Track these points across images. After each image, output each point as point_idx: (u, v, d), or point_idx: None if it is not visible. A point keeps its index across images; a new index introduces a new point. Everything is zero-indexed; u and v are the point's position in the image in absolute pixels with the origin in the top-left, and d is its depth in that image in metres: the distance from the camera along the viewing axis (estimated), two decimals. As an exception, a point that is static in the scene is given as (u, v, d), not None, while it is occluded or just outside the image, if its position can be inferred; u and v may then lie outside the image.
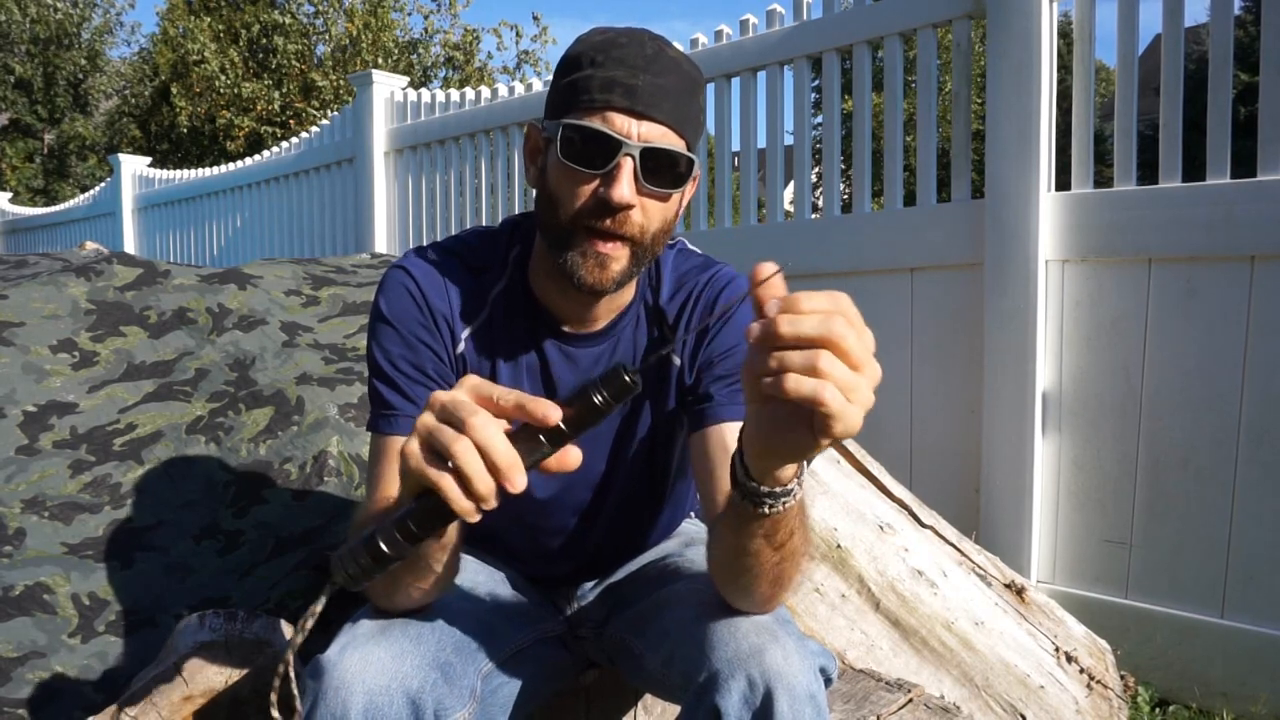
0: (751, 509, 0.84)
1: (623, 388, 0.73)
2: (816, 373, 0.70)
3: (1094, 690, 1.83)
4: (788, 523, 0.87)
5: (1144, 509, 2.31)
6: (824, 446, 0.76)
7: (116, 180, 6.93)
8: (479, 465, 0.72)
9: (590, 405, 0.73)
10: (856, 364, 0.71)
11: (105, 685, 1.43)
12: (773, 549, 0.89)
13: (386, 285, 1.14)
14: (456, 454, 0.72)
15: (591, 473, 1.20)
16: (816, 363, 0.70)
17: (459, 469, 0.72)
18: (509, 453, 0.72)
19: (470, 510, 0.72)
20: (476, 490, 0.72)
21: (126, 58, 19.27)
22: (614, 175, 1.00)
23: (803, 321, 0.70)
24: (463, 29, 14.00)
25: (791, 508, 0.85)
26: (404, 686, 0.90)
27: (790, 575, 0.95)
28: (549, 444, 0.74)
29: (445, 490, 0.72)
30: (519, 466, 0.72)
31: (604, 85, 1.00)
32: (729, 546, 0.92)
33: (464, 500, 0.72)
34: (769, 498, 0.83)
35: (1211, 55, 2.20)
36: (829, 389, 0.70)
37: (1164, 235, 2.25)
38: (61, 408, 1.76)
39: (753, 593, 0.96)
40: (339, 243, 4.93)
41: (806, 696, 0.92)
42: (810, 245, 2.93)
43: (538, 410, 0.72)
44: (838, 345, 0.70)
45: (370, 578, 0.77)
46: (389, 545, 0.76)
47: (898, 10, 2.73)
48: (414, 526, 0.76)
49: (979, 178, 2.86)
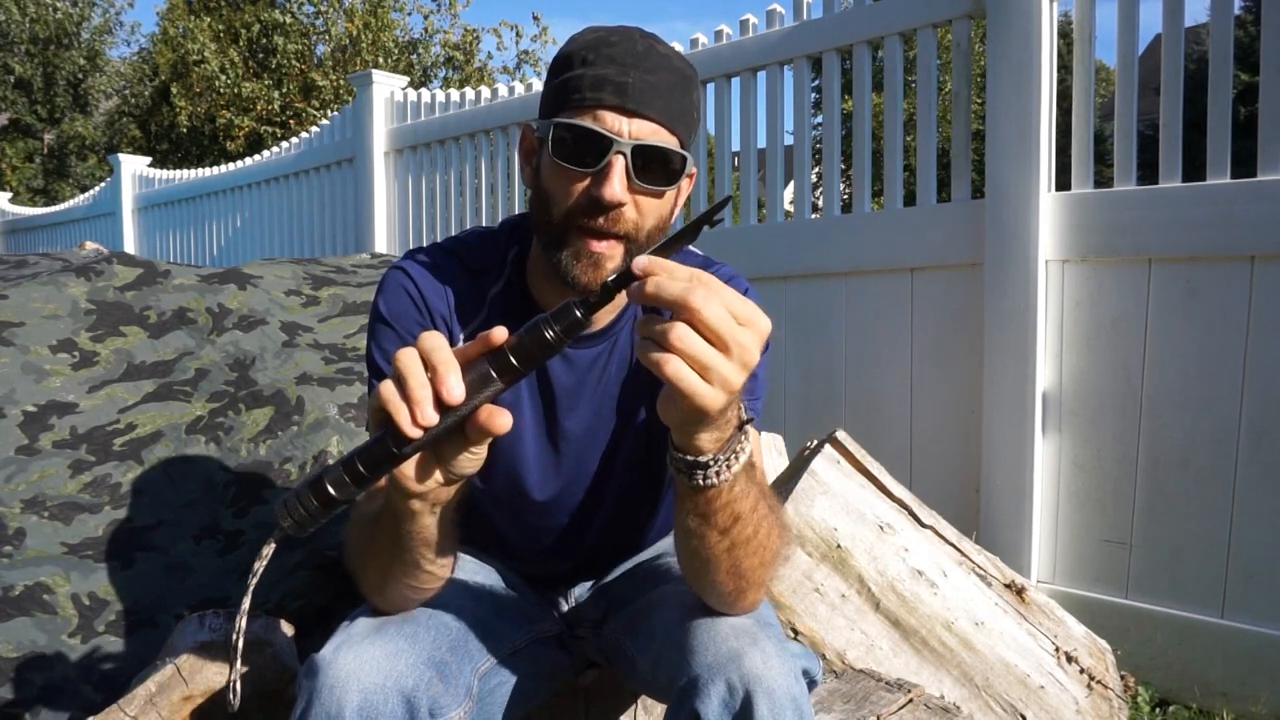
0: (685, 481, 0.86)
1: (574, 323, 0.75)
2: (666, 344, 0.73)
3: (1094, 690, 1.83)
4: (728, 505, 0.88)
5: (1144, 509, 2.31)
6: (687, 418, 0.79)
7: (116, 180, 6.93)
8: (418, 366, 0.75)
9: (541, 338, 0.75)
10: (717, 341, 0.74)
11: (105, 685, 1.43)
12: (717, 533, 0.90)
13: (385, 286, 1.14)
14: (399, 357, 0.76)
15: (588, 472, 1.20)
16: (668, 334, 0.73)
17: (399, 374, 0.75)
18: (448, 360, 0.75)
19: (405, 416, 0.74)
20: (411, 391, 0.74)
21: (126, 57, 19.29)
22: (605, 173, 1.00)
23: (666, 286, 0.74)
24: (463, 29, 14.01)
25: (724, 486, 0.86)
26: (399, 685, 0.90)
27: (749, 568, 0.95)
28: (499, 377, 0.75)
29: (384, 394, 0.75)
30: (454, 370, 0.75)
31: (594, 83, 1.01)
32: (677, 528, 0.94)
33: (398, 401, 0.75)
34: (695, 468, 0.85)
35: (1211, 55, 2.20)
36: (672, 361, 0.73)
37: (1164, 235, 2.24)
38: (61, 408, 1.76)
39: (715, 585, 0.97)
40: (339, 243, 4.93)
41: (788, 700, 0.91)
42: (810, 245, 2.93)
43: (483, 334, 0.76)
44: (696, 314, 0.73)
45: (317, 523, 0.77)
46: (336, 488, 0.75)
47: (898, 10, 2.73)
48: (362, 466, 0.76)
49: (979, 178, 2.86)
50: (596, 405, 1.17)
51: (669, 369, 0.73)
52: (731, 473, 0.86)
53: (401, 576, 0.96)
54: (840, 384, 2.88)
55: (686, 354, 0.73)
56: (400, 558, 0.93)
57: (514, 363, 0.75)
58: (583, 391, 1.17)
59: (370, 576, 0.99)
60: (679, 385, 0.74)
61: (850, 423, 2.77)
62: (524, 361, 0.75)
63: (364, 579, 1.00)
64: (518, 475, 1.19)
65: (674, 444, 0.85)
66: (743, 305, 0.76)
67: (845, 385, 2.86)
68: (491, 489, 1.21)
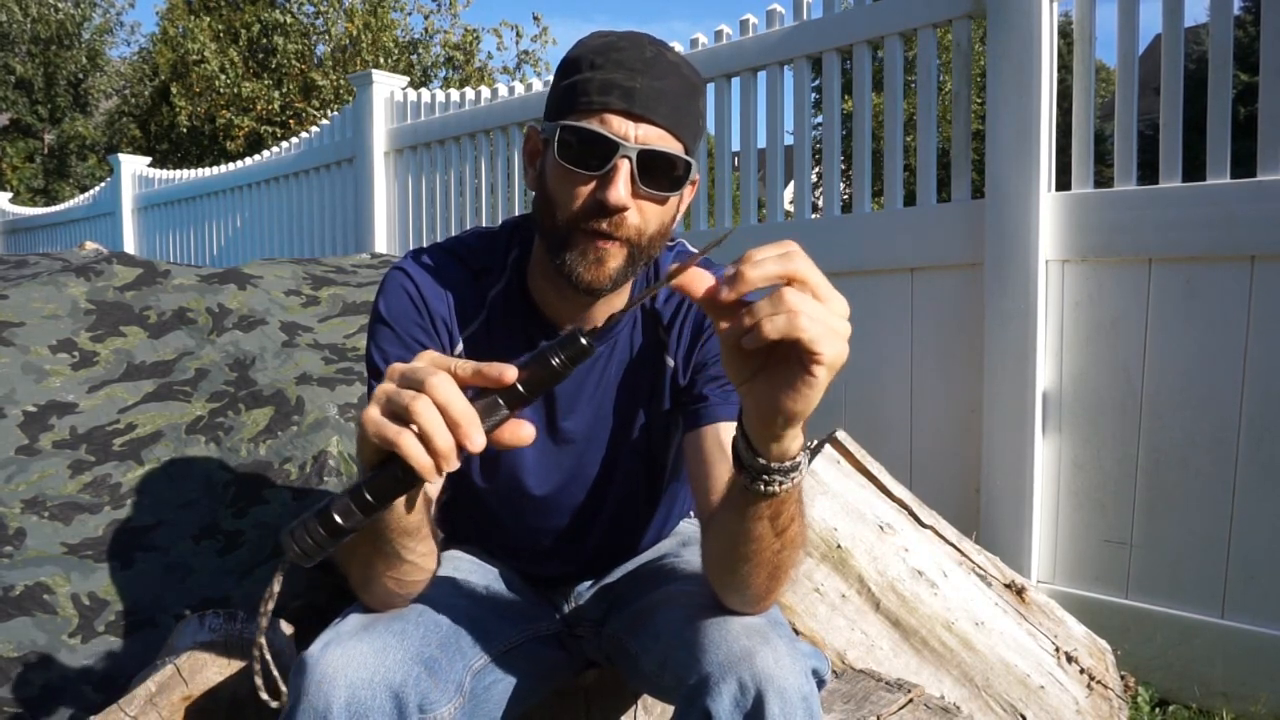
0: (761, 488, 0.85)
1: (579, 351, 0.74)
2: (786, 308, 0.73)
3: (1094, 690, 1.83)
4: (789, 506, 0.88)
5: (1144, 509, 2.31)
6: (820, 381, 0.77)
7: (116, 180, 6.92)
8: (438, 420, 0.73)
9: (547, 367, 0.75)
10: (820, 296, 0.75)
11: (105, 685, 1.43)
12: (775, 534, 0.90)
13: (386, 287, 1.15)
14: (416, 411, 0.73)
15: (589, 473, 1.21)
16: (784, 299, 0.73)
17: (418, 426, 0.73)
18: (467, 409, 0.73)
19: (430, 469, 0.73)
20: (436, 446, 0.73)
21: (126, 57, 19.27)
22: (610, 177, 1.00)
23: (764, 264, 0.74)
24: (463, 29, 14.00)
25: (793, 489, 0.86)
26: (386, 680, 0.90)
27: (787, 567, 0.95)
28: (507, 406, 0.75)
29: (405, 447, 0.73)
30: (476, 423, 0.73)
31: (602, 87, 1.01)
32: (732, 533, 0.92)
33: (424, 457, 0.73)
34: (778, 474, 0.84)
35: (1211, 55, 2.20)
36: (803, 317, 0.73)
37: (1164, 235, 2.24)
38: (61, 408, 1.76)
39: (750, 585, 0.96)
40: (339, 243, 4.93)
41: (799, 699, 0.91)
42: (810, 245, 2.89)
43: (493, 372, 0.74)
44: (801, 278, 0.74)
45: (324, 552, 0.76)
46: (343, 517, 0.75)
47: (898, 10, 2.73)
48: (370, 496, 0.75)
49: (979, 178, 2.85)
50: (596, 406, 1.17)
51: (803, 323, 0.72)
52: (803, 472, 0.86)
53: (384, 569, 0.96)
54: (840, 384, 2.88)
55: (811, 312, 0.73)
56: (381, 548, 0.92)
57: (522, 392, 0.75)
58: (583, 393, 1.17)
59: (354, 569, 0.99)
60: (816, 344, 0.73)
61: (850, 423, 2.77)
62: (531, 392, 0.75)
63: (350, 573, 1.00)
64: (519, 477, 1.19)
65: (761, 454, 0.83)
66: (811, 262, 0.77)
67: (845, 385, 2.86)
68: (493, 490, 1.21)
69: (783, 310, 0.73)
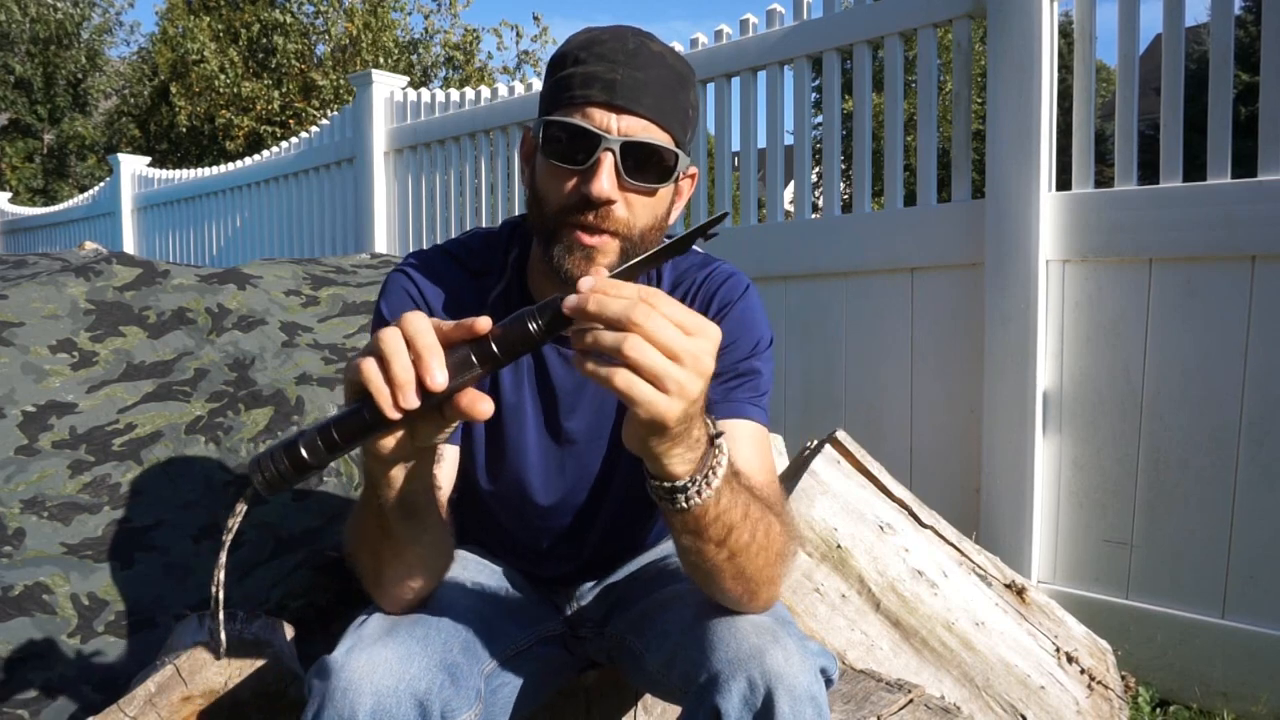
0: (669, 506, 0.86)
1: (556, 318, 0.75)
2: (619, 355, 0.73)
3: (1094, 690, 1.83)
4: (718, 519, 0.88)
5: (1144, 509, 2.31)
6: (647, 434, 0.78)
7: (116, 180, 6.92)
8: (401, 349, 0.75)
9: (524, 331, 0.76)
10: (669, 352, 0.74)
11: (105, 685, 1.43)
12: (713, 545, 0.90)
13: (388, 288, 1.15)
14: (381, 338, 0.75)
15: (590, 473, 1.20)
16: (621, 346, 0.73)
17: (381, 353, 0.75)
18: (432, 344, 0.75)
19: (387, 398, 0.74)
20: (394, 373, 0.74)
21: (126, 57, 19.25)
22: (594, 170, 1.00)
23: (609, 303, 0.73)
24: (463, 29, 14.01)
25: (708, 503, 0.86)
26: (411, 688, 0.90)
27: (754, 570, 0.94)
28: (479, 364, 0.76)
29: (367, 376, 0.75)
30: (440, 359, 0.74)
31: (584, 81, 1.01)
32: (678, 547, 0.94)
33: (384, 386, 0.74)
34: (675, 493, 0.85)
35: (1211, 55, 2.20)
36: (621, 373, 0.73)
37: (1164, 235, 2.24)
38: (61, 408, 1.76)
39: (724, 591, 0.97)
40: (339, 243, 4.93)
41: (807, 697, 0.91)
42: (810, 245, 2.93)
43: (468, 323, 0.76)
44: (641, 329, 0.72)
45: (287, 485, 0.77)
46: (310, 452, 0.76)
47: (898, 10, 2.73)
48: (336, 433, 0.76)
49: (979, 178, 2.86)
50: (598, 406, 1.17)
51: (619, 381, 0.73)
52: (713, 489, 0.85)
53: (392, 559, 0.96)
54: (840, 384, 2.88)
55: (637, 364, 0.73)
56: (389, 534, 0.92)
57: (495, 351, 0.75)
58: (584, 393, 1.17)
59: (365, 562, 0.99)
60: (632, 396, 0.73)
61: (850, 423, 2.77)
62: (505, 352, 0.76)
63: (360, 567, 1.00)
64: (521, 477, 1.19)
65: (649, 473, 0.85)
66: (690, 317, 0.75)
67: (845, 385, 2.86)
68: (496, 490, 1.21)
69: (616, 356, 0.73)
